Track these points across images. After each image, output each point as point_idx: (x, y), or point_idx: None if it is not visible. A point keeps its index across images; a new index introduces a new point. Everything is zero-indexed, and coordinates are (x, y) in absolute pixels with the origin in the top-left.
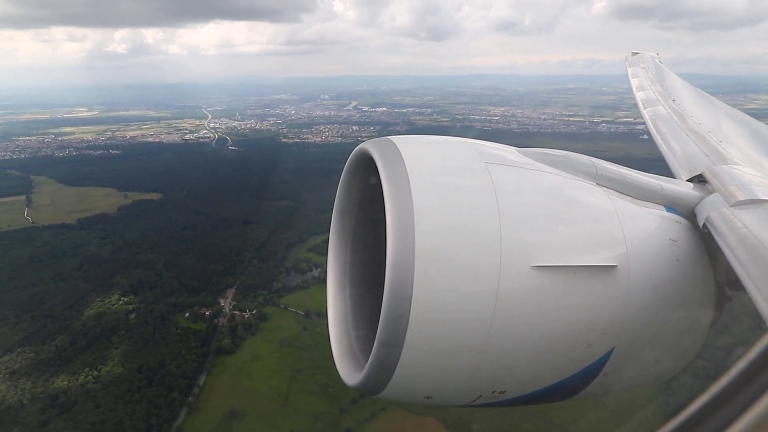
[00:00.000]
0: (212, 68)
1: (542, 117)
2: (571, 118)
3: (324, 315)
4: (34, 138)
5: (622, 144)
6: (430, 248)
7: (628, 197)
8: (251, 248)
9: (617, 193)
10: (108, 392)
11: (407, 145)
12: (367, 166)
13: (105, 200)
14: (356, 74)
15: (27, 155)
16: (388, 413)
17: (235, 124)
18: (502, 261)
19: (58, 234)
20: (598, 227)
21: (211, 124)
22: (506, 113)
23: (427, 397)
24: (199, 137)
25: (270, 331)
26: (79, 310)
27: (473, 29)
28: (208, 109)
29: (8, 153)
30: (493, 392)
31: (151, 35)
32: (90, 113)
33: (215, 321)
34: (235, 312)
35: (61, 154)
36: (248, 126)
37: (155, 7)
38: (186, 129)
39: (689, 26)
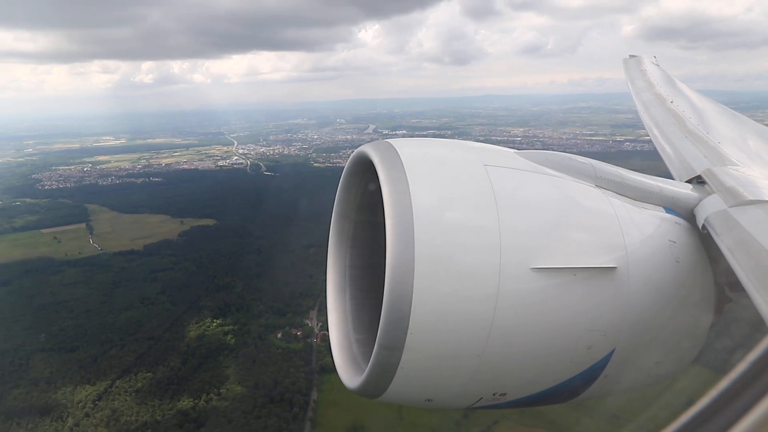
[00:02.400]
0: (229, 95)
1: (564, 137)
2: (593, 137)
3: None
4: (73, 167)
5: (653, 163)
6: (430, 251)
7: (628, 199)
8: (321, 271)
9: (616, 195)
10: (236, 408)
11: (406, 147)
12: (366, 169)
13: (163, 227)
14: (367, 97)
15: (72, 184)
16: (501, 425)
17: (263, 149)
18: (502, 263)
19: (130, 260)
20: (597, 229)
21: (240, 150)
22: (527, 134)
23: (428, 400)
24: (232, 163)
25: None
26: (178, 332)
27: (495, 53)
28: (231, 135)
29: (54, 182)
30: (494, 394)
31: (177, 65)
32: (117, 141)
33: (309, 341)
34: (324, 332)
35: (104, 183)
36: (276, 151)
37: (202, 40)
38: (216, 156)
39: (713, 46)
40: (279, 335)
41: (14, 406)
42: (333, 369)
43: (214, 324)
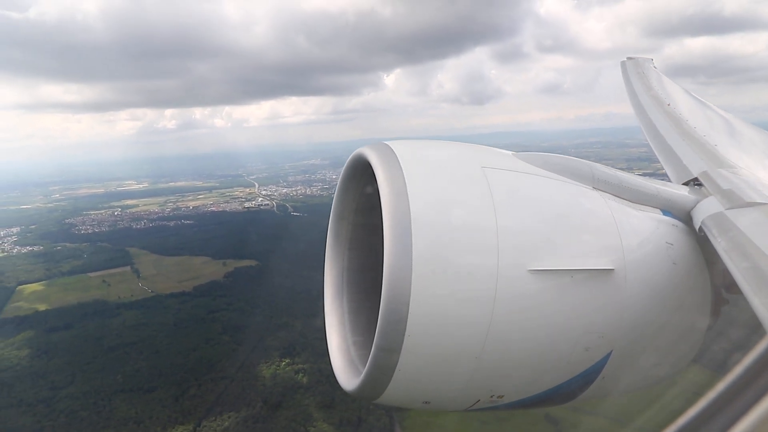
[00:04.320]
0: (245, 138)
1: None
2: None
3: None
4: (103, 211)
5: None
6: (428, 252)
7: (625, 201)
8: None
9: (614, 197)
10: None
11: (404, 149)
12: (364, 171)
13: (207, 268)
14: (374, 137)
15: (107, 228)
16: None
17: (285, 190)
18: (500, 265)
19: (183, 301)
20: (594, 231)
21: (262, 192)
22: None
23: (426, 402)
24: (258, 205)
25: None
26: (250, 371)
27: (512, 92)
28: (250, 177)
29: (88, 227)
30: (492, 396)
31: (199, 111)
32: (140, 185)
33: None
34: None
35: (138, 226)
36: (299, 192)
37: (239, 89)
38: (240, 197)
39: (732, 81)
40: None
41: None
42: (407, 408)
43: (284, 363)
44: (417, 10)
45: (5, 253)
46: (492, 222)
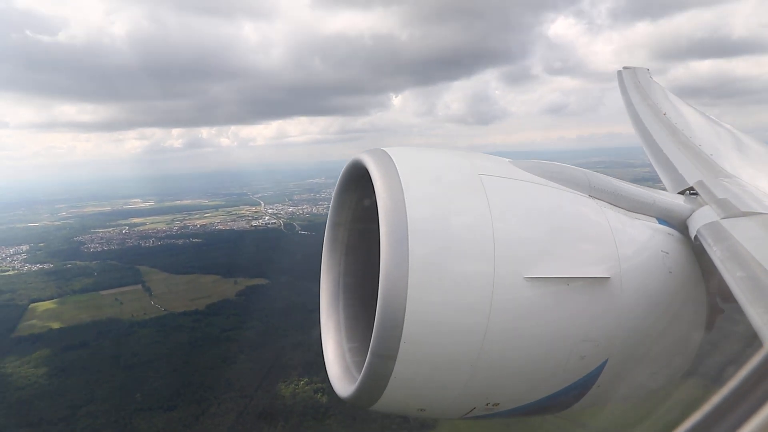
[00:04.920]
0: (249, 156)
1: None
2: None
3: None
4: (110, 229)
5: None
6: (424, 259)
7: (621, 209)
8: None
9: (610, 206)
10: None
11: (401, 156)
12: (361, 178)
13: (217, 287)
14: None
15: (115, 246)
16: None
17: (291, 209)
18: (496, 272)
19: (196, 320)
20: (591, 239)
21: (269, 210)
22: None
23: (421, 410)
24: (265, 223)
25: None
26: (269, 390)
27: (518, 113)
28: (255, 195)
29: (97, 245)
30: (487, 404)
31: (206, 131)
32: (146, 204)
33: None
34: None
35: (146, 244)
36: (305, 210)
37: (250, 109)
38: (247, 216)
39: (737, 103)
40: None
41: None
42: (431, 426)
43: (302, 382)
44: (433, 33)
45: (16, 271)
46: (488, 229)
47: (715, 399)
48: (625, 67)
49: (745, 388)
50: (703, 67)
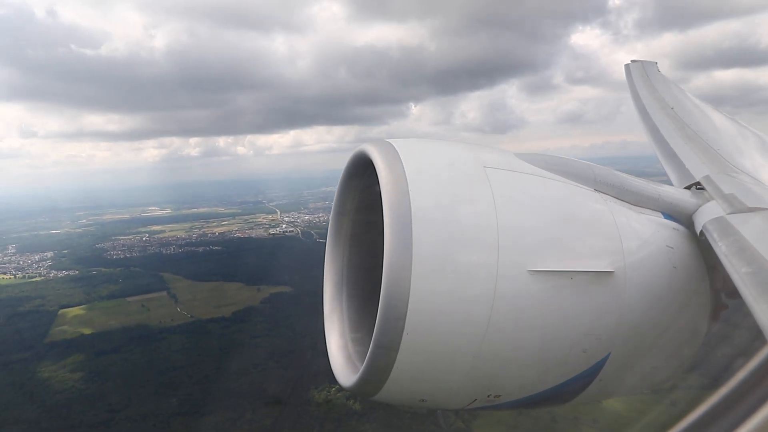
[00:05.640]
0: (263, 164)
1: None
2: None
3: None
4: (131, 237)
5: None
6: (428, 251)
7: (626, 203)
8: None
9: (615, 199)
10: None
11: (406, 147)
12: (366, 169)
13: (241, 294)
14: None
15: (137, 253)
16: None
17: (308, 217)
18: (499, 265)
19: (224, 326)
20: (595, 233)
21: (285, 218)
22: None
23: (422, 400)
24: (283, 231)
25: (486, 417)
26: (302, 396)
27: (535, 122)
28: (271, 204)
29: (119, 252)
30: (489, 396)
31: (222, 139)
32: (163, 212)
33: None
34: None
35: (167, 251)
36: (322, 219)
37: (269, 118)
38: (263, 224)
39: (759, 112)
40: None
41: None
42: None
43: (333, 389)
44: (461, 45)
45: (42, 278)
46: (493, 222)
47: (720, 394)
48: (633, 61)
49: (750, 384)
50: (727, 76)
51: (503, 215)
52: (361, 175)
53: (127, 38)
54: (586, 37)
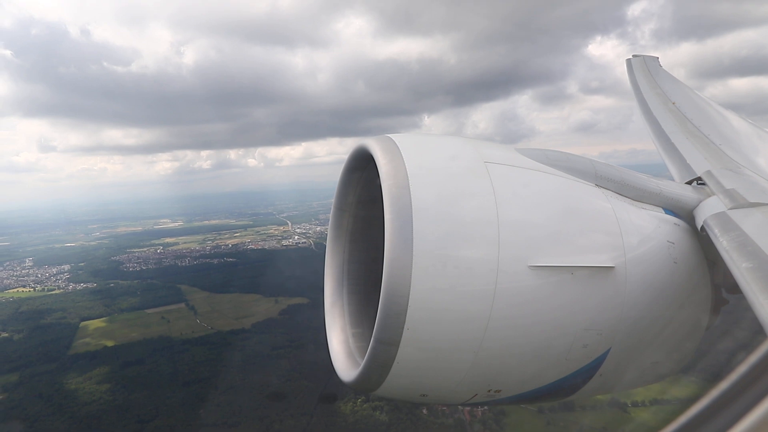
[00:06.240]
0: (273, 176)
1: None
2: None
3: None
4: (146, 249)
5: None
6: (429, 246)
7: (627, 199)
8: None
9: (616, 195)
10: None
11: (407, 142)
12: (367, 164)
13: (259, 305)
14: None
15: (153, 266)
16: None
17: (319, 228)
18: (500, 260)
19: (244, 338)
20: (596, 228)
21: (297, 230)
22: None
23: (423, 395)
24: (296, 243)
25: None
26: (328, 407)
27: (545, 131)
28: (281, 215)
29: (135, 264)
30: (489, 391)
31: (234, 152)
32: (175, 224)
33: (456, 416)
34: (466, 407)
35: (183, 264)
36: None
37: (285, 130)
38: (276, 235)
39: None
40: (425, 410)
41: None
42: None
43: (359, 400)
44: (482, 57)
45: (61, 290)
46: (493, 217)
47: (720, 389)
48: (634, 55)
49: (749, 379)
50: (742, 85)
51: (504, 210)
52: (362, 169)
53: (156, 55)
54: (603, 48)
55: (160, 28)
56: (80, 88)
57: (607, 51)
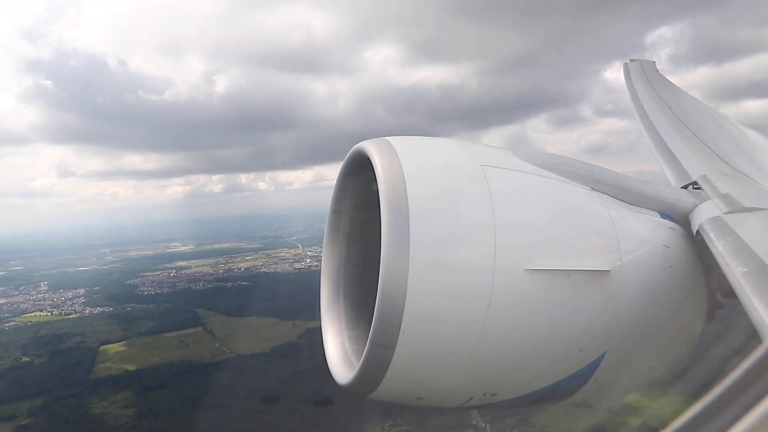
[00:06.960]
0: (285, 200)
1: None
2: None
3: None
4: (159, 273)
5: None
6: (425, 249)
7: (623, 203)
8: None
9: (612, 199)
10: None
11: (404, 145)
12: (363, 166)
13: (277, 329)
14: None
15: (167, 289)
16: None
17: None
18: (496, 264)
19: (265, 362)
20: (592, 232)
21: (308, 253)
22: None
23: (419, 398)
24: (309, 266)
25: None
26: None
27: (555, 152)
28: (291, 238)
29: (149, 288)
30: (485, 394)
31: (245, 176)
32: (186, 248)
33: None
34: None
35: (197, 287)
36: None
37: (300, 155)
38: (287, 258)
39: None
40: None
41: None
42: None
43: (386, 425)
44: (503, 83)
45: (78, 314)
46: (490, 220)
47: (714, 393)
48: (631, 60)
49: (744, 384)
50: (756, 106)
51: (501, 214)
52: (359, 173)
53: (189, 83)
54: (620, 72)
55: (197, 58)
56: (112, 117)
57: (623, 75)
